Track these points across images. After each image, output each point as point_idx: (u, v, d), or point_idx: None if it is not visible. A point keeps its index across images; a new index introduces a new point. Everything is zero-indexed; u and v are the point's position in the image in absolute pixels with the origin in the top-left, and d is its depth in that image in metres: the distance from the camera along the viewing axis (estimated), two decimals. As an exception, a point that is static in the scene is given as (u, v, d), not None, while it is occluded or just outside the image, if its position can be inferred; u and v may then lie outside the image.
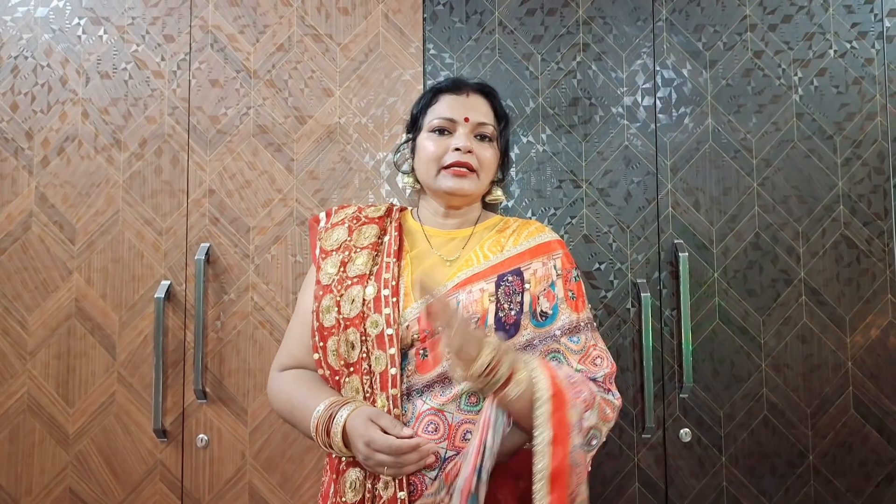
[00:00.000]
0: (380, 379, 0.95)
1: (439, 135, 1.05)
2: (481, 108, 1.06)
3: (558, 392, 0.87)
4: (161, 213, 1.47)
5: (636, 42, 1.51)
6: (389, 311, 0.96)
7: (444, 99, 1.07)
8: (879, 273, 1.48)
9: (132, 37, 1.50)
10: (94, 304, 1.45)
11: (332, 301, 0.99)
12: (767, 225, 1.49)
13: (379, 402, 0.94)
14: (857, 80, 1.51)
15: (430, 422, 0.94)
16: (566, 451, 0.84)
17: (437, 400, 0.95)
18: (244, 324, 1.45)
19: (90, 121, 1.48)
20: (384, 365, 0.95)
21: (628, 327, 1.46)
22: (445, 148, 1.03)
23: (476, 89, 1.08)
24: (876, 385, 1.46)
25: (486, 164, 1.05)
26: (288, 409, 1.01)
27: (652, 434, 1.43)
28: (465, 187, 1.03)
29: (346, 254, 1.03)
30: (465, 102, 1.05)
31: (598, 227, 1.49)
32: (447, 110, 1.05)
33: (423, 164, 1.06)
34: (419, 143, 1.07)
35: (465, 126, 1.04)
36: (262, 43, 1.50)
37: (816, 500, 1.44)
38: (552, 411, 0.85)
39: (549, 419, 0.84)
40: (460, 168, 1.02)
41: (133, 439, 1.43)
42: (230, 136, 1.48)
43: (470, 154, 1.02)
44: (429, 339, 0.96)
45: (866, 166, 1.50)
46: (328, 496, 0.98)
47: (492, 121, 1.06)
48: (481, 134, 1.05)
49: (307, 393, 0.98)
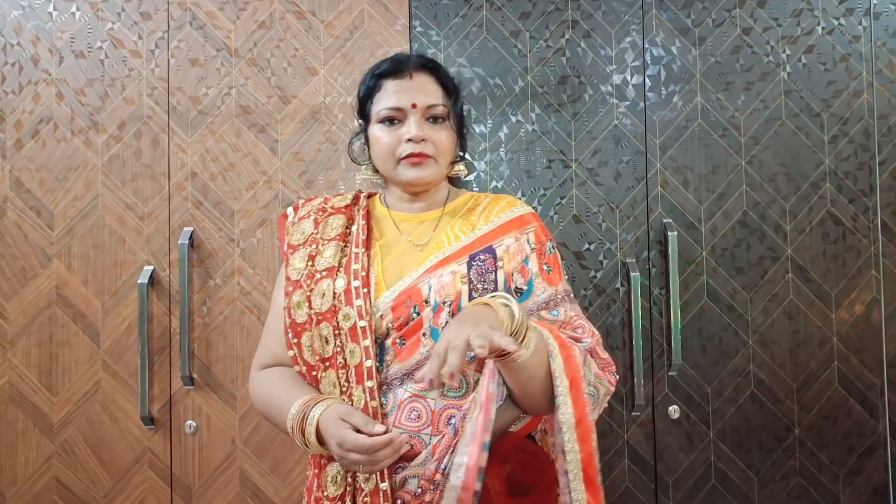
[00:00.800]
0: (355, 372, 0.93)
1: (389, 125, 0.99)
2: (428, 89, 1.00)
3: (563, 343, 0.89)
4: (142, 198, 1.44)
5: (625, 18, 1.49)
6: (361, 303, 0.94)
7: (387, 85, 1.00)
8: (864, 249, 1.50)
9: (107, 14, 1.44)
10: (76, 291, 1.42)
11: (303, 296, 0.97)
12: (755, 203, 1.49)
13: (356, 395, 0.93)
14: (845, 56, 1.51)
15: (412, 409, 0.93)
16: (582, 398, 0.87)
17: (417, 386, 0.94)
18: (231, 309, 1.43)
19: (65, 102, 1.43)
20: (359, 358, 0.93)
21: (618, 307, 1.47)
22: (398, 139, 0.98)
23: (419, 66, 1.01)
24: (860, 359, 1.49)
25: (443, 148, 1.00)
26: (267, 410, 1.00)
27: (641, 411, 1.45)
28: (425, 176, 0.99)
29: (314, 247, 1.00)
30: (411, 86, 0.99)
31: (587, 207, 1.48)
32: (393, 98, 0.98)
33: (380, 158, 1.01)
34: (371, 136, 1.02)
35: (415, 112, 0.98)
36: (242, 20, 1.45)
37: (801, 472, 1.47)
38: (564, 362, 0.87)
39: (563, 371, 0.86)
40: (417, 157, 0.98)
41: (120, 427, 1.41)
42: (212, 117, 1.44)
43: (424, 142, 0.98)
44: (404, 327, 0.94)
45: (852, 143, 1.50)
46: (312, 490, 0.98)
47: (441, 99, 1.00)
48: (433, 116, 1.00)
49: (283, 393, 0.97)
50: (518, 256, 0.99)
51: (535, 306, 0.97)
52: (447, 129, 1.01)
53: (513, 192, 1.48)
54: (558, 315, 0.98)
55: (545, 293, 0.98)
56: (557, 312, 0.98)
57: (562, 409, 0.86)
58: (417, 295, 0.95)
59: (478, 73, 1.48)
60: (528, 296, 0.98)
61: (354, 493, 0.92)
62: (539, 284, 0.98)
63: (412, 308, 0.94)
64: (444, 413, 0.93)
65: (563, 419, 0.86)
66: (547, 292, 0.99)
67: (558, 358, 0.87)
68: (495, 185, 1.48)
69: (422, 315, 0.94)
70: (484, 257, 0.98)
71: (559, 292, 1.00)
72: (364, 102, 1.04)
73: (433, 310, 0.94)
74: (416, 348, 0.93)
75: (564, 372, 0.86)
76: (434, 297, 0.94)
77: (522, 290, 0.98)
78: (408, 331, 0.94)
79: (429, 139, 0.99)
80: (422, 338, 0.94)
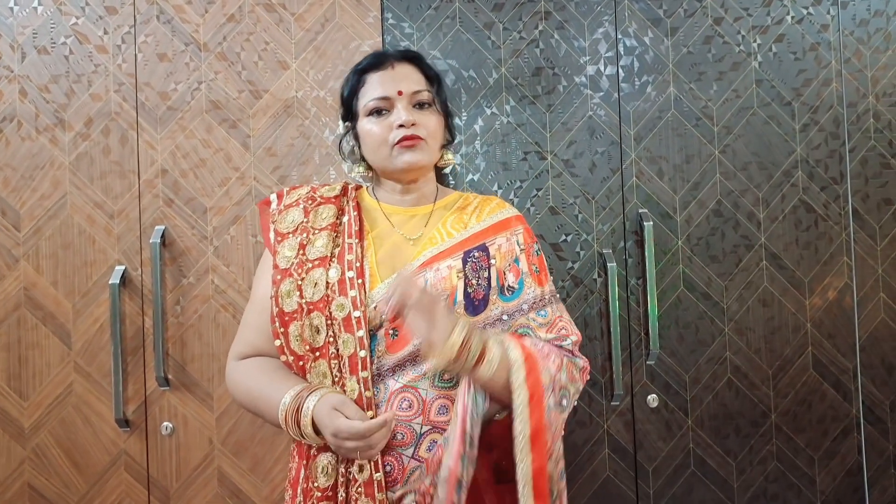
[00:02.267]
0: (349, 362, 0.93)
1: (378, 116, 1.01)
2: (412, 77, 1.02)
3: (529, 356, 0.91)
4: (112, 196, 1.41)
5: (597, 9, 1.50)
6: (356, 294, 0.94)
7: (371, 78, 1.02)
8: (836, 236, 1.52)
9: (70, 9, 1.41)
10: (45, 292, 1.39)
11: (293, 285, 0.96)
12: (729, 192, 1.50)
13: (349, 386, 0.93)
14: (814, 45, 1.52)
15: (403, 398, 0.93)
16: (542, 411, 0.89)
17: (408, 377, 0.94)
18: (205, 307, 1.41)
19: (29, 99, 1.40)
20: (352, 348, 0.93)
21: (595, 297, 1.47)
22: (389, 127, 1.00)
23: (400, 58, 1.04)
24: (833, 344, 1.51)
25: (433, 131, 1.02)
26: (251, 401, 0.99)
27: (620, 401, 1.46)
28: (420, 159, 1.00)
29: (305, 236, 1.00)
30: (394, 75, 1.01)
31: (563, 198, 1.48)
32: (378, 89, 1.00)
33: (373, 149, 1.02)
34: (361, 130, 1.03)
35: (401, 99, 1.00)
36: (211, 14, 1.43)
37: (778, 456, 1.49)
38: (526, 374, 0.89)
39: (524, 382, 0.88)
40: (409, 141, 0.99)
41: (94, 430, 1.38)
42: (181, 113, 1.42)
43: (415, 126, 0.99)
44: (398, 319, 0.94)
45: (823, 132, 1.52)
46: (298, 482, 0.96)
47: (425, 86, 1.03)
48: (419, 102, 1.01)
49: (270, 383, 0.96)
50: (509, 256, 1.02)
51: (525, 305, 1.00)
52: (434, 113, 1.03)
53: (489, 184, 1.47)
54: (546, 315, 1.01)
55: (534, 293, 1.01)
56: (545, 313, 1.01)
57: (517, 420, 0.88)
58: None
59: (451, 65, 1.47)
60: (518, 294, 1.00)
61: (347, 484, 0.92)
62: (529, 284, 1.01)
63: None
64: (435, 402, 0.93)
65: (518, 430, 0.88)
66: (536, 292, 1.02)
67: (520, 372, 0.89)
68: (472, 178, 1.48)
69: None
70: (478, 254, 1.00)
71: (546, 293, 1.03)
72: (349, 101, 1.04)
73: None
74: (410, 339, 0.94)
75: (525, 384, 0.89)
76: (430, 289, 0.94)
77: (514, 288, 1.00)
78: (401, 323, 0.94)
79: (418, 123, 1.00)
80: (413, 333, 0.93)
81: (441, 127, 1.05)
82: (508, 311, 1.00)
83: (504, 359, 0.89)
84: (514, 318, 0.99)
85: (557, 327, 1.01)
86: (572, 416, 1.46)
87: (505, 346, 0.91)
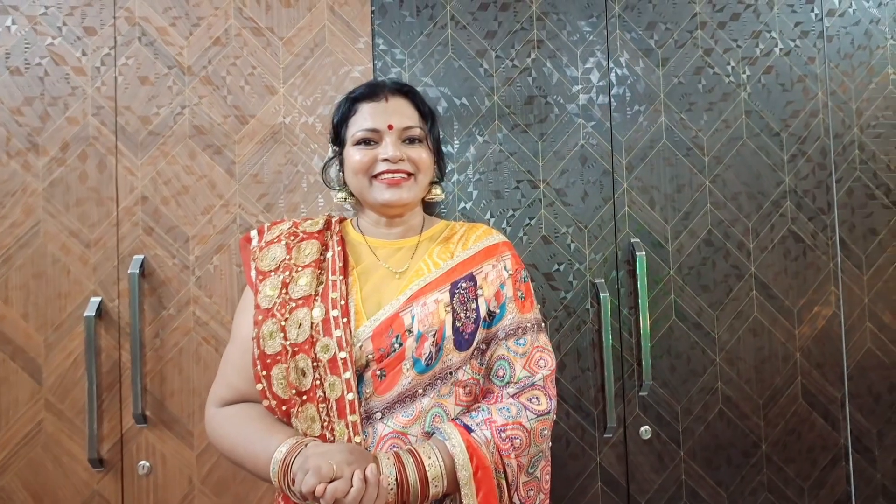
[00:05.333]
0: (336, 406, 0.89)
1: (365, 146, 0.98)
2: (405, 112, 0.99)
3: (480, 464, 0.87)
4: (88, 224, 1.35)
5: (590, 39, 1.49)
6: (340, 333, 0.91)
7: (362, 108, 0.99)
8: (824, 266, 1.53)
9: (46, 28, 1.35)
10: (15, 325, 1.32)
11: (276, 326, 0.92)
12: (719, 221, 1.51)
13: (338, 430, 0.89)
14: (801, 77, 1.54)
15: (392, 445, 0.90)
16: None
17: (398, 421, 0.91)
18: (186, 340, 1.35)
19: (0, 122, 1.33)
20: (340, 391, 0.89)
21: (588, 328, 1.45)
22: (373, 158, 0.97)
23: (394, 91, 1.01)
24: (821, 374, 1.52)
25: (423, 166, 0.99)
26: (235, 456, 0.94)
27: (613, 433, 1.44)
28: (403, 197, 0.97)
29: (287, 273, 0.96)
30: (386, 108, 0.98)
31: (556, 227, 1.47)
32: (368, 120, 0.97)
33: (353, 177, 0.99)
34: (346, 157, 1.00)
35: (391, 134, 0.97)
36: (196, 36, 1.38)
37: (769, 486, 1.49)
38: (476, 491, 0.86)
39: (474, 497, 0.86)
40: (394, 176, 0.96)
41: (65, 471, 1.31)
42: (163, 138, 1.37)
43: (402, 161, 0.97)
44: (385, 358, 0.91)
45: (810, 162, 1.54)
46: None
47: (417, 122, 1.00)
48: (410, 137, 0.99)
49: (254, 438, 0.91)
50: (496, 282, 0.99)
51: (503, 332, 0.97)
52: (425, 149, 1.00)
53: (481, 213, 1.45)
54: (524, 343, 0.98)
55: (514, 319, 0.99)
56: (524, 341, 0.98)
57: None
58: (399, 325, 0.92)
59: (443, 92, 1.45)
60: (499, 319, 0.98)
61: None
62: (511, 309, 0.99)
63: (394, 338, 0.91)
64: None
65: None
66: (516, 318, 0.99)
67: (470, 486, 0.86)
68: (463, 206, 1.45)
69: (404, 345, 0.91)
70: (465, 285, 0.97)
71: (528, 320, 1.00)
72: (339, 127, 1.01)
73: (416, 340, 0.91)
74: (398, 380, 0.91)
75: (476, 499, 0.87)
76: (417, 326, 0.92)
77: (495, 313, 0.98)
78: (389, 362, 0.91)
79: (407, 158, 0.97)
80: (404, 369, 0.91)
81: (431, 163, 1.02)
82: (487, 339, 0.97)
83: (450, 472, 0.87)
84: (492, 347, 0.97)
85: (535, 359, 0.98)
86: (564, 448, 1.43)
87: (451, 451, 0.87)
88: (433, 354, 0.92)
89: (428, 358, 0.91)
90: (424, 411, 0.92)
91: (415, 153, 0.98)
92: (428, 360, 0.91)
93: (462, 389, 0.95)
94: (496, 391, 0.97)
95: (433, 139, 1.02)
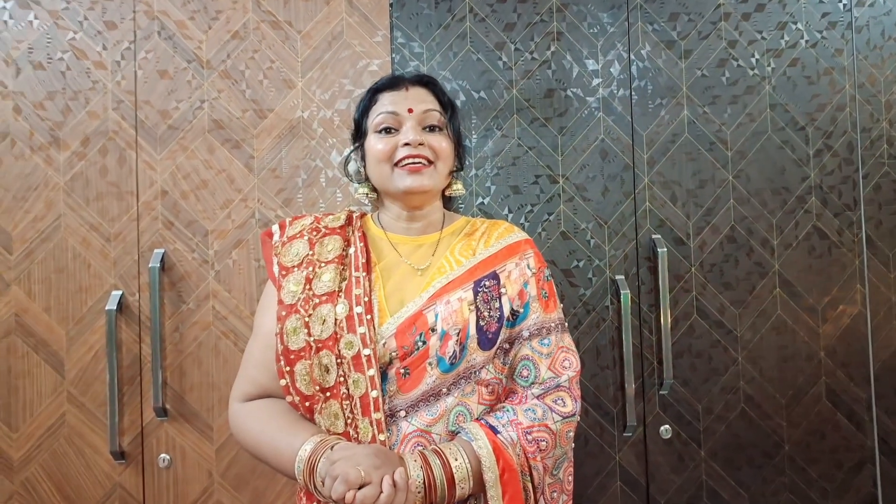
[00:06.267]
0: (360, 403, 0.89)
1: (386, 134, 0.98)
2: (425, 98, 1.00)
3: (507, 465, 0.87)
4: (108, 218, 1.35)
5: (610, 30, 1.47)
6: (364, 330, 0.90)
7: (383, 97, 1.00)
8: (849, 263, 1.50)
9: (67, 23, 1.36)
10: (37, 318, 1.33)
11: (300, 322, 0.92)
12: (742, 217, 1.48)
13: (362, 428, 0.88)
14: (828, 70, 1.50)
15: (416, 444, 0.89)
16: None
17: (422, 420, 0.90)
18: (205, 334, 1.36)
19: (23, 116, 1.34)
20: (364, 388, 0.89)
21: (608, 325, 1.44)
22: (394, 145, 0.97)
23: (415, 81, 1.02)
24: (846, 373, 1.49)
25: (443, 153, 0.98)
26: (258, 452, 0.94)
27: (633, 432, 1.42)
28: (425, 183, 0.96)
29: (311, 269, 0.96)
30: (407, 96, 0.99)
31: (575, 223, 1.45)
32: (389, 105, 0.98)
33: (374, 166, 0.99)
34: (367, 146, 1.00)
35: (411, 118, 0.97)
36: (214, 30, 1.38)
37: (791, 488, 1.46)
38: (502, 494, 0.86)
39: (500, 500, 0.86)
40: (415, 162, 0.95)
41: (88, 463, 1.33)
42: (182, 132, 1.37)
43: (422, 146, 0.96)
44: (408, 356, 0.90)
45: (837, 157, 1.50)
46: None
47: (438, 108, 1.00)
48: (430, 125, 0.99)
49: (279, 435, 0.90)
50: (520, 281, 0.98)
51: (526, 332, 0.96)
52: (445, 137, 1.00)
53: (499, 208, 1.44)
54: (549, 344, 0.97)
55: (538, 318, 0.98)
56: (548, 341, 0.97)
57: None
58: (423, 323, 0.91)
59: (461, 85, 1.44)
60: (523, 318, 0.97)
61: None
62: (535, 309, 0.98)
63: (417, 336, 0.91)
64: None
65: None
66: (541, 318, 0.98)
67: (496, 488, 0.86)
68: (481, 202, 1.44)
69: (428, 344, 0.90)
70: (489, 283, 0.96)
71: (552, 320, 0.99)
72: (361, 120, 1.02)
73: (440, 338, 0.90)
74: (422, 378, 0.90)
75: (502, 501, 0.86)
76: (441, 324, 0.91)
77: (518, 312, 0.97)
78: (413, 360, 0.90)
79: (427, 144, 0.97)
80: (428, 367, 0.90)
81: (451, 152, 1.01)
82: (510, 339, 0.96)
83: (476, 472, 0.86)
84: (516, 347, 0.96)
85: (559, 360, 0.97)
86: (583, 446, 1.42)
87: (480, 459, 0.86)
88: (457, 353, 0.91)
89: (452, 357, 0.90)
90: (448, 410, 0.91)
91: (434, 141, 0.98)
92: (452, 359, 0.91)
93: (485, 388, 0.94)
94: (520, 391, 0.95)
95: (453, 129, 1.01)
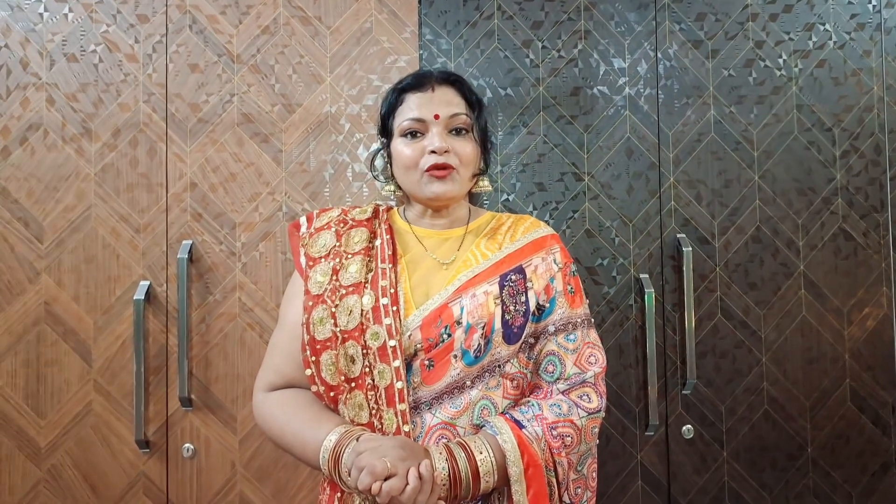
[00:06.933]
0: (385, 394, 0.89)
1: (412, 138, 0.98)
2: (452, 100, 0.98)
3: (531, 461, 0.87)
4: (138, 209, 1.37)
5: (638, 29, 1.47)
6: (390, 322, 0.91)
7: (409, 98, 0.99)
8: (875, 265, 1.49)
9: (101, 16, 1.37)
10: (66, 307, 1.34)
11: (327, 312, 0.92)
12: (768, 218, 1.47)
13: (386, 418, 0.89)
14: (856, 71, 1.50)
15: (440, 436, 0.89)
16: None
17: (447, 412, 0.90)
18: (231, 326, 1.37)
19: (56, 108, 1.36)
20: (389, 379, 0.89)
21: (631, 323, 1.43)
22: (421, 151, 0.97)
23: (441, 80, 1.00)
24: (872, 377, 1.47)
25: (466, 159, 0.98)
26: (284, 442, 0.94)
27: (655, 431, 1.42)
28: (449, 190, 0.97)
29: (338, 260, 0.96)
30: (433, 98, 0.97)
31: (600, 221, 1.45)
32: (415, 110, 0.97)
33: (402, 171, 0.99)
34: (394, 150, 1.00)
35: (437, 124, 0.96)
36: (245, 25, 1.40)
37: (815, 491, 1.45)
38: (527, 489, 0.86)
39: (525, 495, 0.86)
40: (440, 171, 0.95)
41: (113, 451, 1.34)
42: (212, 126, 1.38)
43: (448, 154, 0.96)
44: (433, 349, 0.91)
45: (863, 159, 1.49)
46: None
47: (464, 110, 0.99)
48: (456, 128, 0.98)
49: (305, 423, 0.91)
50: (546, 275, 0.98)
51: (553, 327, 0.96)
52: (470, 141, 0.99)
53: (524, 205, 1.44)
54: (574, 339, 0.97)
55: (564, 313, 0.98)
56: (574, 337, 0.97)
57: None
58: (448, 315, 0.92)
59: (488, 82, 1.44)
60: (549, 313, 0.97)
61: None
62: (561, 304, 0.98)
63: (443, 329, 0.91)
64: None
65: None
66: (567, 313, 0.98)
67: (521, 483, 0.86)
68: (506, 198, 1.44)
69: (453, 336, 0.91)
70: (515, 277, 0.96)
71: (578, 315, 0.99)
72: (386, 119, 1.01)
73: (465, 331, 0.91)
74: (446, 370, 0.90)
75: (526, 496, 0.87)
76: (467, 318, 0.91)
77: (544, 307, 0.97)
78: (437, 352, 0.91)
79: (452, 150, 0.97)
80: (452, 360, 0.90)
81: (476, 155, 1.01)
82: (536, 333, 0.96)
83: (501, 465, 0.86)
84: (541, 342, 0.96)
85: (585, 356, 0.97)
86: (605, 445, 1.41)
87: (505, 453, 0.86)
88: (482, 347, 0.91)
89: (476, 350, 0.91)
90: (472, 403, 0.91)
91: (460, 146, 0.97)
92: (476, 353, 0.91)
93: (510, 382, 0.94)
94: (545, 387, 0.95)
95: (479, 129, 1.01)
